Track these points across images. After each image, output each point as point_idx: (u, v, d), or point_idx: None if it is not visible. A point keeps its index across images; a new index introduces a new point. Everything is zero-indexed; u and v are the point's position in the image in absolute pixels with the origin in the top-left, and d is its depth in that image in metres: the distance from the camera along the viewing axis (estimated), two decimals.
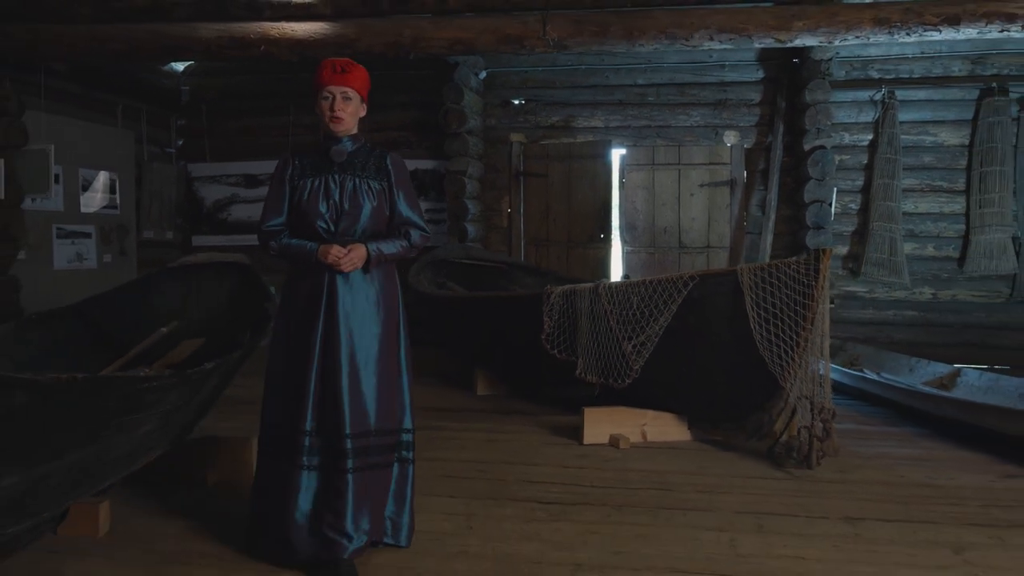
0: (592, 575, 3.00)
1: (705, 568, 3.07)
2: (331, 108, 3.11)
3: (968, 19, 5.49)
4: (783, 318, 4.20)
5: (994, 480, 4.22)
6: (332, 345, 3.01)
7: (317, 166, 3.13)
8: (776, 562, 3.13)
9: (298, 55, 6.25)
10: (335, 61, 3.14)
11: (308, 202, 3.06)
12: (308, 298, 3.07)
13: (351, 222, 3.08)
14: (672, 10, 5.75)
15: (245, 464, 4.01)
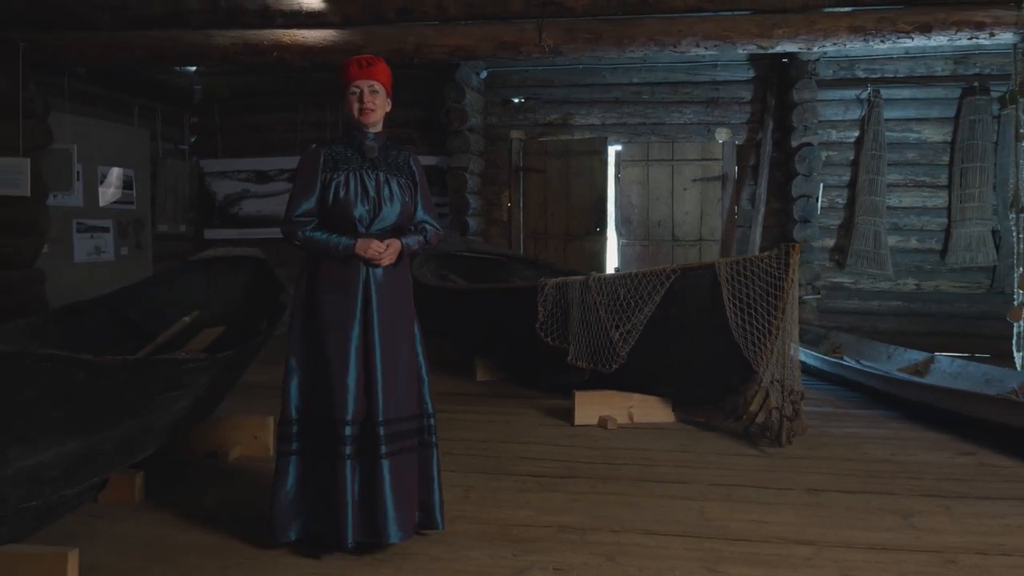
0: (574, 535, 3.38)
1: (674, 530, 3.44)
2: (360, 100, 3.15)
3: (939, 27, 5.84)
4: (756, 308, 4.57)
5: (952, 457, 4.59)
6: (369, 336, 3.09)
7: (348, 160, 3.16)
8: (739, 525, 3.51)
9: (309, 61, 6.62)
10: (359, 58, 3.21)
11: (345, 196, 3.09)
12: (343, 290, 3.10)
13: (384, 219, 3.15)
14: (661, 18, 6.09)
15: (263, 441, 4.41)
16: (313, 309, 3.14)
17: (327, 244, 3.10)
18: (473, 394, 6.22)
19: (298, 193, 3.14)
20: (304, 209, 3.13)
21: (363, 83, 3.15)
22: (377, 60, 3.22)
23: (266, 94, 9.91)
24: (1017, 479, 4.18)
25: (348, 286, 3.11)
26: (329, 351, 3.08)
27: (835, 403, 6.00)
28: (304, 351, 3.16)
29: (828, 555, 3.18)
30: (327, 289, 3.13)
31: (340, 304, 3.10)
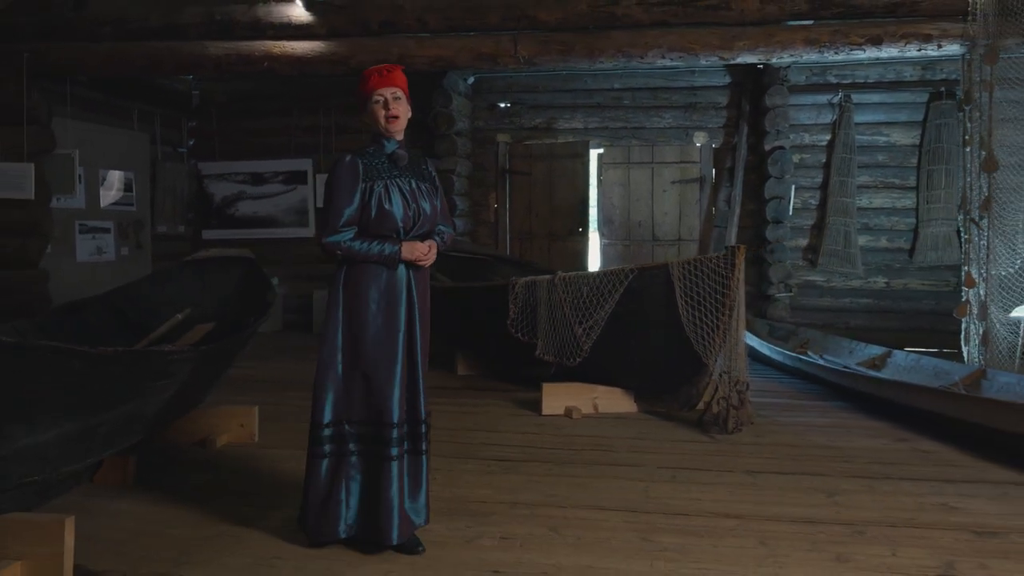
0: (525, 510, 3.74)
1: (618, 506, 3.79)
2: (385, 108, 3.17)
3: (889, 40, 6.17)
4: (706, 305, 4.93)
5: (887, 443, 4.94)
6: (412, 338, 3.19)
7: (380, 168, 3.18)
8: (677, 502, 3.86)
9: (297, 70, 6.98)
10: (378, 67, 3.23)
11: (389, 207, 3.13)
12: (390, 295, 3.15)
13: (422, 223, 3.22)
14: (628, 31, 6.44)
15: (249, 429, 4.77)
16: (358, 314, 3.16)
17: (370, 251, 3.13)
18: (452, 387, 6.57)
19: (339, 203, 3.14)
20: (347, 219, 3.14)
21: (386, 91, 3.18)
22: (395, 67, 3.25)
23: (262, 99, 10.26)
24: (943, 463, 4.53)
25: (394, 291, 3.16)
26: (379, 355, 3.14)
27: (793, 395, 6.35)
28: (349, 355, 3.17)
29: (751, 526, 3.53)
30: (374, 295, 3.15)
31: (388, 309, 3.15)
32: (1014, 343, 6.16)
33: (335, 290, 3.22)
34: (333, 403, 3.19)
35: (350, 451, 3.19)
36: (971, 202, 6.23)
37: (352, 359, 3.17)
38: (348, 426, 3.19)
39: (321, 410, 3.19)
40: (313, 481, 3.20)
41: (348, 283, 3.19)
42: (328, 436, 3.19)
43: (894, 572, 3.06)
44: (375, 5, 6.68)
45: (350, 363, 3.17)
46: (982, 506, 3.82)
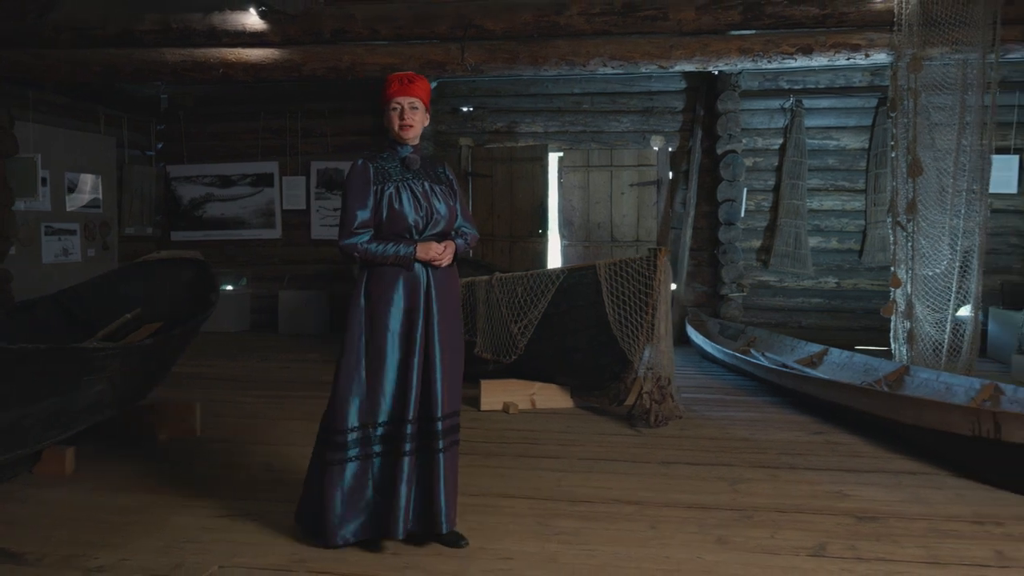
0: None
1: (527, 494, 4.00)
2: (401, 117, 3.26)
3: (819, 49, 6.41)
4: (631, 304, 5.14)
5: (802, 436, 5.16)
6: (430, 336, 3.23)
7: (392, 172, 3.27)
8: (586, 490, 4.07)
9: (252, 76, 7.17)
10: (401, 75, 3.31)
11: (400, 206, 3.21)
12: (408, 294, 3.22)
13: (435, 224, 3.29)
14: (570, 40, 6.65)
15: (189, 424, 4.97)
16: (381, 318, 3.22)
17: (386, 253, 3.18)
18: None
19: (353, 206, 3.21)
20: (361, 221, 3.20)
21: (404, 100, 3.25)
22: (418, 77, 3.33)
23: (229, 103, 10.44)
24: (850, 454, 4.76)
25: (414, 292, 3.23)
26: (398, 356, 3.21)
27: (729, 391, 6.58)
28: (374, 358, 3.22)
29: (648, 512, 3.75)
30: (395, 297, 3.22)
31: (408, 309, 3.22)
32: (940, 340, 6.38)
33: (357, 294, 3.26)
34: (358, 408, 3.22)
35: (375, 453, 3.25)
36: (898, 205, 6.45)
37: (375, 364, 3.21)
38: (373, 429, 3.24)
39: (344, 416, 3.21)
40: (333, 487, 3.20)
41: (371, 286, 3.24)
42: (353, 440, 3.21)
43: (768, 552, 3.28)
44: (327, 14, 6.88)
45: (374, 368, 3.22)
46: (873, 493, 4.04)
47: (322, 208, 10.22)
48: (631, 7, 6.49)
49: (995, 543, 3.39)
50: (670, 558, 3.22)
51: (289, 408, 5.90)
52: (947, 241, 6.37)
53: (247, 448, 4.82)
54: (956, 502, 3.91)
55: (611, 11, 6.49)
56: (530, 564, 3.17)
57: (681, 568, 3.13)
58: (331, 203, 10.20)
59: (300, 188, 10.29)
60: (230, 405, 5.98)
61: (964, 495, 4.01)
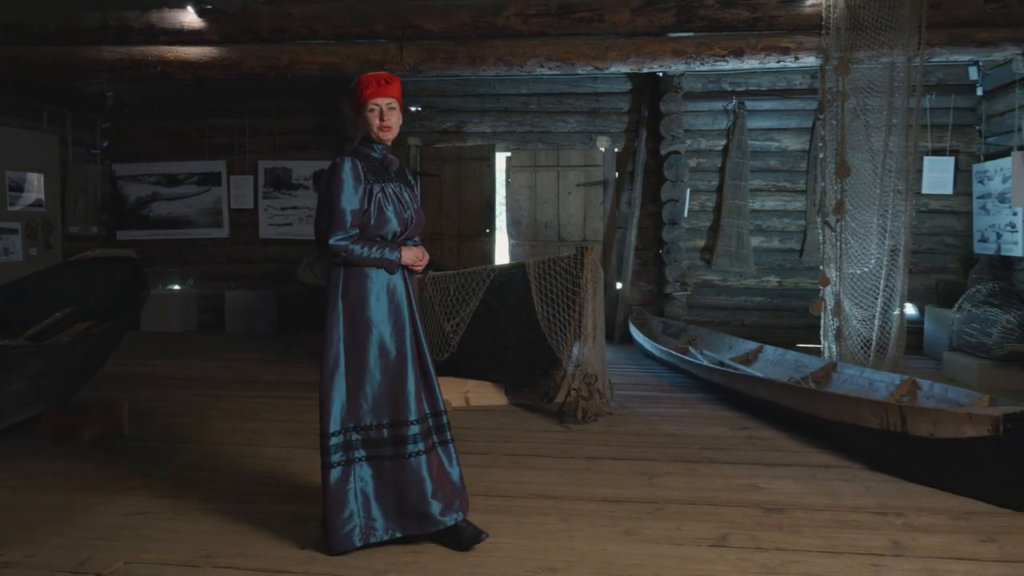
0: None
1: None
2: (380, 118, 3.23)
3: (750, 52, 6.53)
4: (559, 303, 5.21)
5: (727, 431, 5.26)
6: (418, 337, 3.28)
7: (376, 172, 3.24)
8: (507, 485, 4.13)
9: (191, 75, 7.15)
10: (377, 76, 3.26)
11: (388, 209, 3.20)
12: (394, 298, 3.23)
13: (414, 228, 3.32)
14: (509, 40, 6.71)
15: (117, 423, 4.96)
16: (363, 318, 3.19)
17: (371, 255, 3.17)
18: None
19: (345, 204, 3.14)
20: (352, 221, 3.15)
21: (382, 101, 3.22)
22: (393, 77, 3.29)
23: (176, 101, 10.37)
24: (770, 448, 4.86)
25: (396, 294, 3.24)
26: (386, 357, 3.21)
27: (664, 388, 6.67)
28: (354, 360, 3.20)
29: (563, 505, 3.81)
30: (375, 298, 3.20)
31: (394, 312, 3.23)
32: (869, 337, 6.53)
33: (334, 295, 3.21)
34: (340, 411, 3.18)
35: (358, 457, 3.21)
36: (827, 205, 6.59)
37: (358, 364, 3.19)
38: (356, 433, 3.20)
39: (329, 420, 3.18)
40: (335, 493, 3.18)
41: (348, 287, 3.20)
42: (336, 445, 3.18)
43: (671, 543, 3.36)
44: (265, 13, 6.88)
45: (356, 368, 3.19)
46: (785, 486, 4.14)
47: (270, 207, 10.19)
48: (567, 9, 6.56)
49: (893, 533, 3.50)
50: (575, 549, 3.29)
51: (224, 408, 5.89)
52: (875, 240, 6.51)
53: (175, 447, 4.82)
54: (864, 494, 4.02)
55: (548, 12, 6.56)
56: (437, 556, 3.22)
57: (584, 559, 3.20)
58: (279, 202, 10.17)
59: (248, 187, 10.25)
60: (163, 404, 5.96)
61: (872, 487, 4.12)
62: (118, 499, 3.89)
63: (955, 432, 3.83)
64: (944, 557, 3.24)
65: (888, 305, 6.47)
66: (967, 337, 7.29)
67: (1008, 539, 3.42)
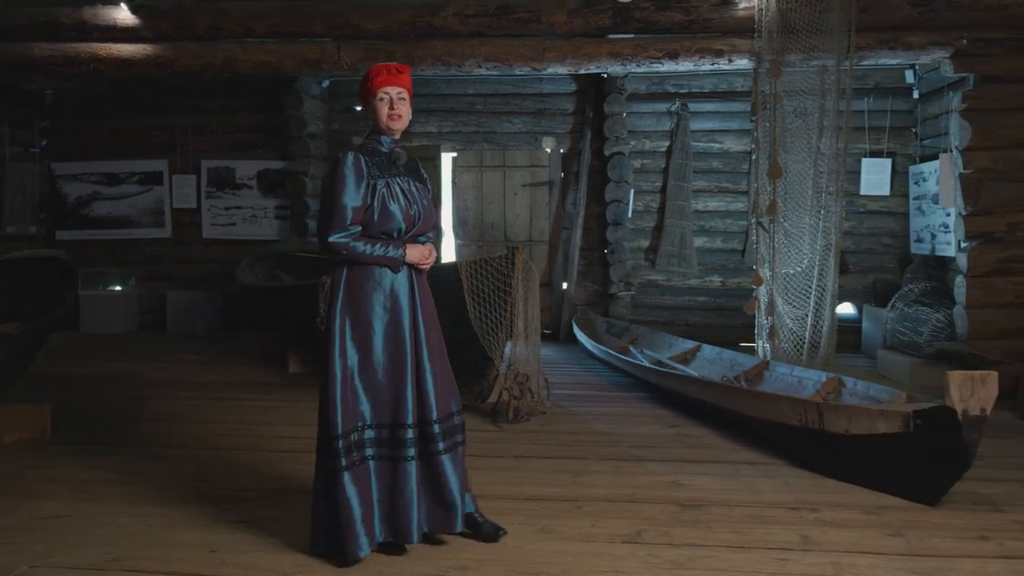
0: (279, 496, 3.95)
1: None
2: (390, 107, 3.16)
3: (685, 54, 6.60)
4: (490, 302, 5.22)
5: (658, 429, 5.31)
6: (418, 340, 3.18)
7: (381, 166, 3.15)
8: None
9: (124, 72, 7.05)
10: (388, 65, 3.20)
11: (392, 205, 3.12)
12: (395, 297, 3.15)
13: (421, 224, 3.22)
14: (447, 40, 6.71)
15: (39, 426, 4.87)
16: (363, 318, 3.13)
17: (374, 253, 3.10)
18: (275, 384, 6.74)
19: (346, 200, 3.06)
20: (353, 218, 3.07)
21: (392, 90, 3.16)
22: (405, 68, 3.23)
23: (117, 99, 10.18)
24: (697, 446, 4.92)
25: (400, 293, 3.16)
26: (386, 358, 3.14)
27: (603, 388, 6.71)
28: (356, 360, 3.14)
29: (486, 504, 3.73)
30: (378, 297, 3.14)
31: (395, 312, 3.15)
32: (802, 337, 6.63)
33: (336, 294, 3.15)
34: (342, 413, 3.09)
35: (367, 457, 3.15)
36: (760, 206, 6.68)
37: (361, 364, 3.13)
38: (357, 434, 3.13)
39: (334, 422, 3.08)
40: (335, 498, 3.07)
41: (350, 286, 3.13)
42: (343, 448, 3.08)
43: (585, 540, 3.39)
44: (201, 10, 6.81)
45: (359, 368, 3.13)
46: (706, 483, 4.19)
47: (213, 207, 10.07)
48: (505, 9, 6.58)
49: (804, 528, 3.55)
50: (489, 548, 3.30)
51: (156, 410, 5.81)
52: (808, 240, 6.61)
53: (98, 450, 4.74)
54: (782, 490, 4.08)
55: (485, 13, 6.57)
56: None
57: (496, 557, 3.21)
58: (222, 202, 10.05)
59: (191, 187, 10.11)
60: (94, 407, 5.86)
61: (791, 483, 4.18)
62: (29, 503, 3.83)
63: (869, 428, 3.90)
64: (850, 551, 3.30)
65: (820, 304, 6.57)
66: (900, 336, 7.44)
67: (914, 533, 3.49)
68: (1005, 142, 6.36)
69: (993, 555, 3.27)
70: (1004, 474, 4.34)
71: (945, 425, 3.59)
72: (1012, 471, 4.40)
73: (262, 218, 10.01)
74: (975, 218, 6.45)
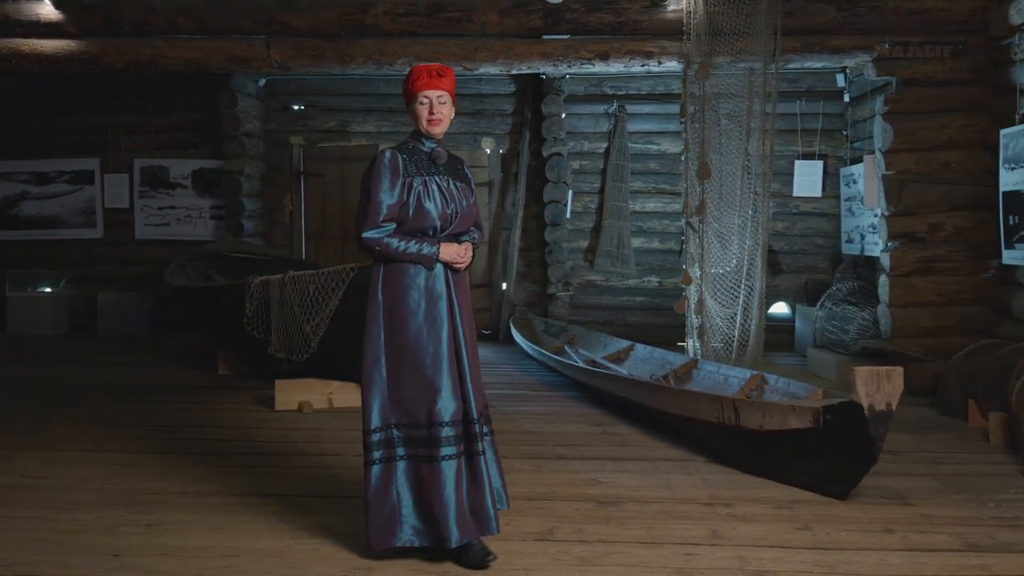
0: (191, 499, 3.89)
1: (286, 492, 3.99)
2: (431, 112, 3.18)
3: (615, 55, 6.65)
4: None
5: (585, 428, 5.34)
6: (457, 338, 3.18)
7: (420, 164, 3.18)
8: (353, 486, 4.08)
9: (47, 68, 6.89)
10: (429, 67, 3.22)
11: (428, 202, 3.13)
12: (432, 295, 3.15)
13: (458, 223, 3.22)
14: (378, 39, 6.67)
15: None
16: (400, 316, 3.15)
17: (408, 250, 3.12)
18: (205, 386, 6.63)
19: (380, 197, 3.11)
20: (387, 214, 3.11)
21: (432, 93, 3.17)
22: (447, 69, 3.25)
23: (47, 96, 9.92)
24: (621, 444, 4.95)
25: (435, 291, 3.16)
26: (424, 356, 3.13)
27: (536, 387, 6.73)
28: (392, 358, 3.16)
29: None
30: (415, 295, 3.14)
31: (431, 309, 3.15)
32: (731, 335, 6.71)
33: (374, 291, 3.19)
34: (379, 408, 3.14)
35: (398, 456, 3.15)
36: (689, 206, 6.76)
37: (396, 361, 3.15)
38: (396, 430, 3.15)
39: (369, 417, 3.15)
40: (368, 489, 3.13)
41: (387, 284, 3.17)
42: (377, 442, 3.13)
43: (498, 538, 3.36)
44: (126, 5, 6.67)
45: (395, 365, 3.16)
46: (625, 480, 4.22)
47: (146, 207, 9.88)
48: (436, 8, 6.56)
49: (715, 523, 3.60)
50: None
51: (74, 413, 5.68)
52: (736, 240, 6.70)
53: (8, 455, 4.62)
54: (698, 486, 4.12)
55: (416, 12, 6.55)
56: (254, 559, 3.18)
57: (404, 557, 3.20)
58: (156, 202, 9.87)
59: (123, 186, 9.91)
60: (7, 411, 5.70)
61: (708, 479, 4.23)
62: None
63: (781, 424, 3.97)
64: (757, 545, 3.35)
65: (749, 303, 6.66)
66: (828, 334, 7.58)
67: (822, 526, 3.55)
68: (926, 144, 6.50)
69: (896, 548, 3.34)
70: (917, 468, 4.44)
71: (852, 420, 3.66)
72: (925, 465, 4.50)
73: (197, 218, 9.85)
74: (897, 219, 6.58)
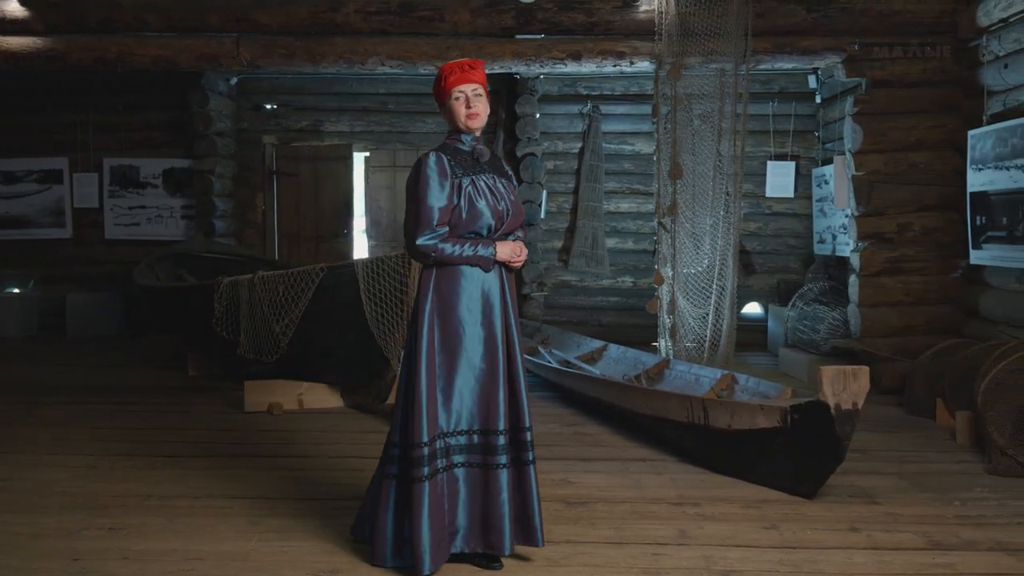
0: (156, 501, 3.84)
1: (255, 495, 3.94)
2: (467, 106, 3.10)
3: (587, 56, 6.65)
4: (387, 302, 5.17)
5: (557, 428, 5.33)
6: (511, 342, 3.10)
7: (465, 164, 3.10)
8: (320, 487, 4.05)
9: (13, 66, 6.78)
10: (461, 62, 3.14)
11: (480, 203, 3.05)
12: (484, 297, 3.06)
13: (511, 221, 3.14)
14: (349, 38, 6.63)
15: None
16: (452, 321, 3.05)
17: (464, 253, 3.02)
18: (175, 387, 6.56)
19: (432, 201, 2.99)
20: (440, 219, 3.00)
21: (467, 87, 3.10)
22: (477, 63, 3.18)
23: (15, 95, 9.79)
24: (592, 444, 4.95)
25: (490, 294, 3.08)
26: (481, 361, 3.05)
27: None
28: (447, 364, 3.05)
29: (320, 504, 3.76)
30: (467, 300, 3.05)
31: (486, 312, 3.06)
32: (703, 335, 6.73)
33: (424, 297, 3.06)
34: (429, 420, 2.98)
35: (455, 464, 3.06)
36: (661, 206, 6.77)
37: (451, 367, 3.04)
38: (449, 439, 3.05)
39: (418, 430, 2.96)
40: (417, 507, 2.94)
41: (439, 288, 3.06)
42: (429, 455, 2.96)
43: None
44: (93, 2, 6.59)
45: (451, 372, 3.04)
46: (595, 480, 4.21)
47: (116, 207, 9.77)
48: (408, 7, 6.53)
49: (683, 522, 3.60)
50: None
51: (40, 415, 5.60)
52: (708, 240, 6.72)
53: None
54: (668, 486, 4.13)
55: (388, 10, 6.52)
56: (218, 563, 3.14)
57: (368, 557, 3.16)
58: (126, 201, 9.76)
59: (92, 185, 9.78)
60: None
61: (678, 479, 4.23)
62: None
63: (750, 423, 3.97)
64: (724, 544, 3.35)
65: (721, 303, 6.68)
66: (800, 334, 7.62)
67: (789, 526, 3.56)
68: (895, 145, 6.55)
69: (861, 546, 3.36)
70: (884, 467, 4.47)
71: (819, 419, 3.67)
72: (892, 464, 4.53)
73: (168, 218, 9.76)
74: (867, 219, 6.62)
